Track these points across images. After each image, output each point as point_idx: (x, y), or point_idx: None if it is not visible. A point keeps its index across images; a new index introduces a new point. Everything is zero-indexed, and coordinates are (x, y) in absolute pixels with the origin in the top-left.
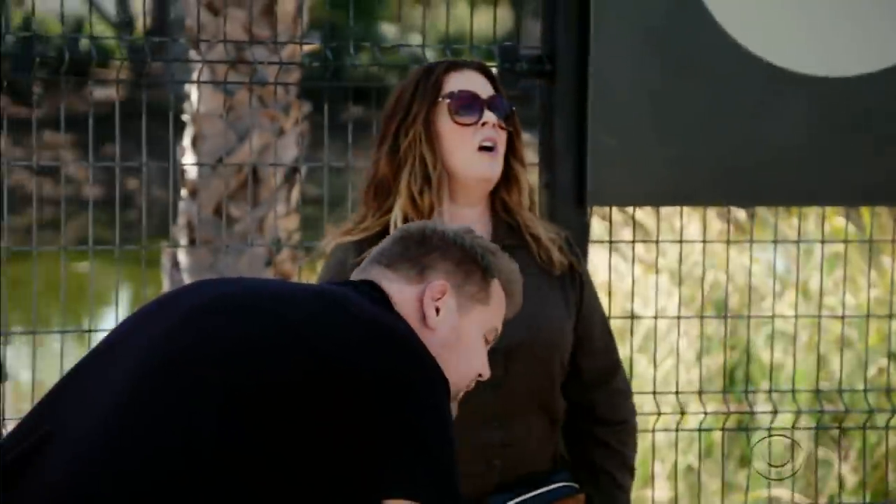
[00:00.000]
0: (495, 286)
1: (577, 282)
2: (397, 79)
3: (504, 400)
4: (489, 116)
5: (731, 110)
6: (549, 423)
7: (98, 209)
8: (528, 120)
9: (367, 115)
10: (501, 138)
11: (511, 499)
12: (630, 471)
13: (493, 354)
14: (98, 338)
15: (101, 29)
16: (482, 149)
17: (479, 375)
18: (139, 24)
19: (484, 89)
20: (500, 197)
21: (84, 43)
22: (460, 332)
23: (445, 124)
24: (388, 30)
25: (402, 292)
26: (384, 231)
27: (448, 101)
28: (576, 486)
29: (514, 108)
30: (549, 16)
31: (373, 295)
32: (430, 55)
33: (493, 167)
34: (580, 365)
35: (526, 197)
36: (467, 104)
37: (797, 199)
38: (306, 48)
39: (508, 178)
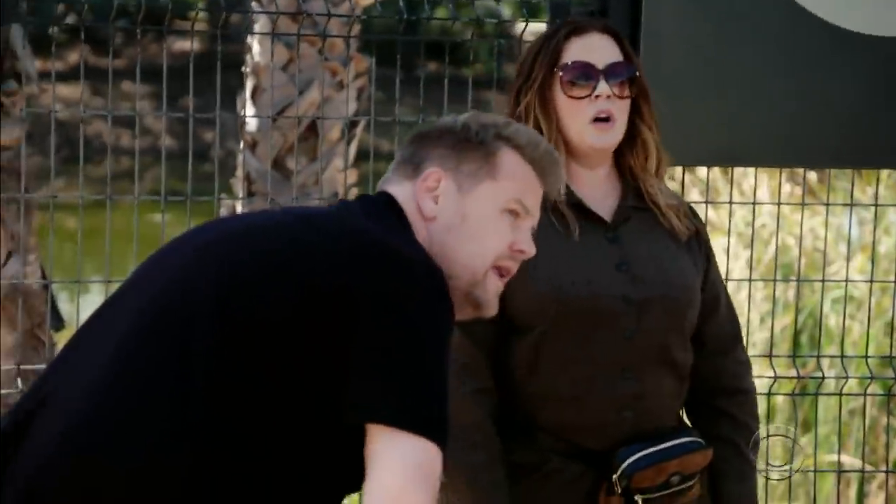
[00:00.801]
0: (505, 158)
1: (703, 248)
2: (471, 34)
3: (636, 352)
4: (603, 88)
5: (787, 71)
6: (678, 381)
7: (172, 161)
8: None
9: (439, 71)
10: (620, 106)
11: (640, 451)
12: (756, 443)
13: (626, 306)
14: None
15: None
16: (596, 120)
17: (522, 252)
18: None
19: (605, 54)
20: (627, 160)
21: None
22: (465, 211)
23: (560, 96)
24: None
25: (403, 192)
26: None
27: (561, 73)
28: (703, 441)
29: (637, 73)
30: None
31: (379, 204)
32: (506, 11)
33: (605, 139)
34: (706, 331)
35: (653, 161)
36: (580, 76)
37: (857, 162)
38: (366, 2)
39: (634, 141)
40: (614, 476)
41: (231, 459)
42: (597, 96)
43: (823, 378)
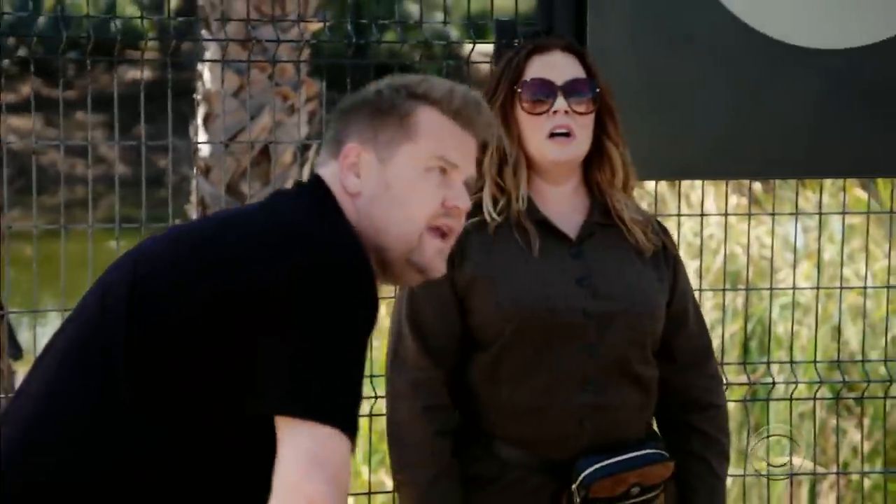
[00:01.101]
0: (421, 117)
1: (670, 262)
2: (419, 56)
3: (596, 365)
4: (560, 104)
5: (731, 85)
6: (642, 395)
7: (126, 188)
8: None
9: None
10: (580, 122)
11: (600, 461)
12: (726, 459)
13: (586, 320)
14: None
15: (132, 10)
16: (554, 135)
17: (457, 208)
18: (166, 6)
19: (565, 71)
20: (594, 176)
21: (113, 24)
22: (388, 180)
23: (520, 112)
24: (413, 8)
25: (330, 172)
26: (477, 208)
27: (521, 90)
28: (666, 454)
29: (599, 89)
30: None
31: (308, 188)
32: (454, 33)
33: (564, 153)
34: (675, 345)
35: (619, 177)
36: (538, 93)
37: (800, 171)
38: (314, 27)
39: (601, 157)
40: (573, 486)
41: (152, 465)
42: (554, 112)
43: (774, 384)
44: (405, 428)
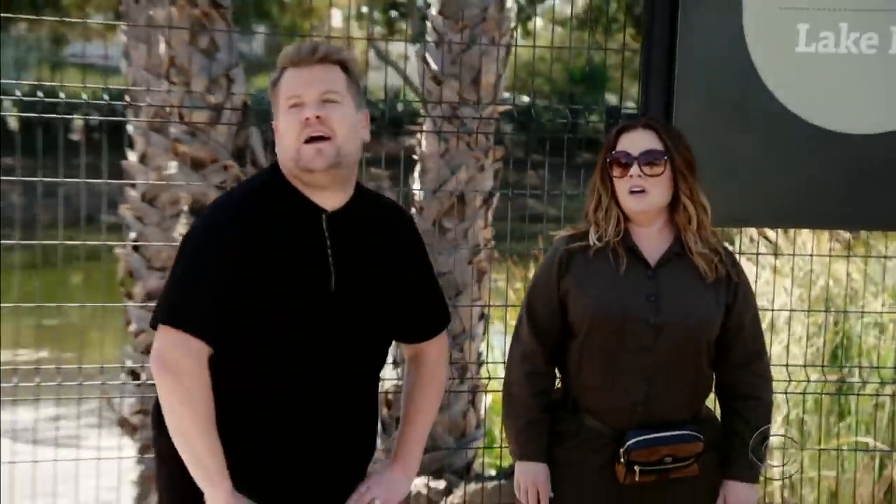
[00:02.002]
0: (282, 79)
1: (731, 288)
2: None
3: (653, 362)
4: (635, 169)
5: (778, 155)
6: (688, 389)
7: None
8: None
9: (558, 159)
10: (652, 182)
11: (642, 435)
12: (762, 441)
13: (647, 328)
14: None
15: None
16: (632, 192)
17: (307, 119)
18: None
19: (642, 144)
20: (675, 218)
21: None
22: (279, 128)
23: (614, 176)
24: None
25: None
26: (585, 234)
27: (609, 160)
28: (699, 436)
29: (667, 156)
30: (644, 86)
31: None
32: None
33: (639, 204)
34: (730, 349)
35: (694, 220)
36: (620, 161)
37: (836, 223)
38: (501, 108)
39: (678, 204)
40: (621, 450)
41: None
42: (631, 175)
43: (845, 382)
44: (513, 387)
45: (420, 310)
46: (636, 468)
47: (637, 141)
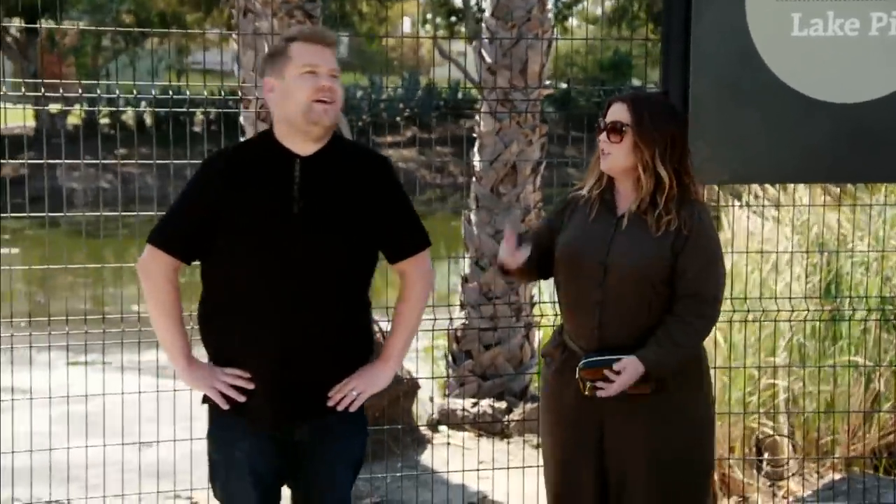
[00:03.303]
0: (294, 48)
1: (679, 240)
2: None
3: (602, 296)
4: (603, 136)
5: (774, 123)
6: (635, 318)
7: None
8: None
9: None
10: (614, 147)
11: (589, 357)
12: (680, 347)
13: (599, 267)
14: None
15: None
16: (602, 154)
17: (323, 89)
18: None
19: (614, 114)
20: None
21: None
22: (283, 88)
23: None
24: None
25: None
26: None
27: (596, 125)
28: (637, 358)
29: (629, 127)
30: (664, 71)
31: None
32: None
33: (603, 164)
34: (676, 287)
35: (647, 184)
36: (599, 127)
37: (822, 178)
38: (545, 92)
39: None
40: (577, 367)
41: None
42: (601, 139)
43: (839, 310)
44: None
45: (396, 234)
46: (587, 383)
47: (612, 112)
